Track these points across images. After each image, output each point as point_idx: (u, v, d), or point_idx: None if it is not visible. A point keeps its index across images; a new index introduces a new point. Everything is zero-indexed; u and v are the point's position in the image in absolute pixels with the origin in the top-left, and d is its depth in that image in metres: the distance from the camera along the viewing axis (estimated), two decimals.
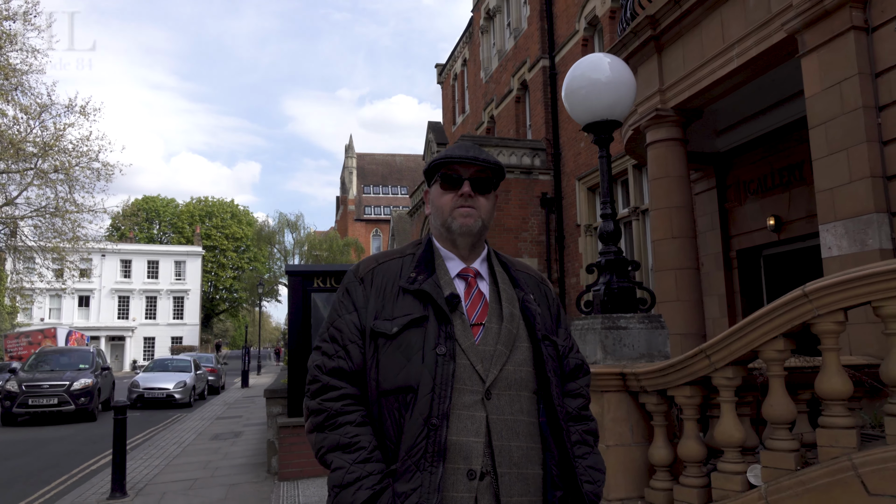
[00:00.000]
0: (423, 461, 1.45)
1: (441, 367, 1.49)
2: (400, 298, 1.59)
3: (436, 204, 1.72)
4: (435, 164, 1.72)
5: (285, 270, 8.98)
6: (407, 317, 1.55)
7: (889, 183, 4.78)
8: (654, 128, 7.61)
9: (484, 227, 1.70)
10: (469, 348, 1.54)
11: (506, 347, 1.57)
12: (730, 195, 9.67)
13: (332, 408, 1.56)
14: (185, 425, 14.28)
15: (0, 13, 22.41)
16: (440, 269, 1.65)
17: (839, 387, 3.10)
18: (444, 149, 16.38)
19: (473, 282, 1.67)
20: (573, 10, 15.04)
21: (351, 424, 1.53)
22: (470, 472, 1.47)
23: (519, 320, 1.63)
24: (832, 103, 5.10)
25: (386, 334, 1.55)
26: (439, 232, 1.72)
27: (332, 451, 1.52)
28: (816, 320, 3.14)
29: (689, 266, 7.33)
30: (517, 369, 1.57)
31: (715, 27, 6.65)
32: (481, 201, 1.68)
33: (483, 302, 1.64)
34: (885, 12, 4.81)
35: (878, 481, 2.90)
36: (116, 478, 7.26)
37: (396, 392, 1.52)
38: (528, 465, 1.52)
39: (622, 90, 4.46)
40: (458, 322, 1.56)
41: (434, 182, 1.74)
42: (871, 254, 4.73)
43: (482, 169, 1.68)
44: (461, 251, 1.69)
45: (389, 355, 1.54)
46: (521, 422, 1.54)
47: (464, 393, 1.50)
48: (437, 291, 1.57)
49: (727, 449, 3.48)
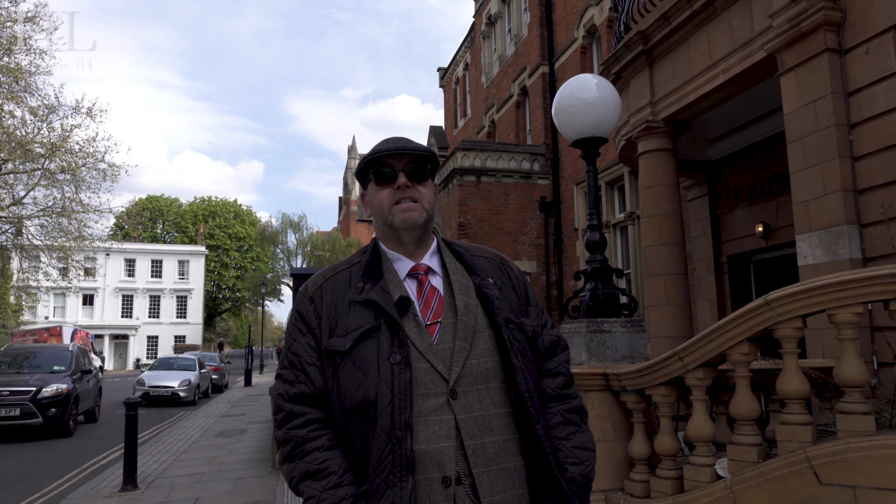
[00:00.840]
0: (391, 477, 1.40)
1: (397, 376, 1.44)
2: (351, 311, 1.54)
3: (373, 203, 1.65)
4: (366, 164, 1.65)
5: (290, 273, 9.31)
6: (358, 330, 1.50)
7: (859, 196, 5.08)
8: (645, 138, 7.91)
9: (429, 217, 1.63)
10: (427, 350, 1.49)
11: (465, 342, 1.51)
12: (721, 202, 9.97)
13: (297, 436, 1.51)
14: (191, 423, 14.61)
15: (10, 16, 22.79)
16: (388, 273, 1.59)
17: (797, 387, 3.41)
18: (445, 153, 16.68)
19: (425, 279, 1.61)
20: (572, 18, 15.35)
21: (319, 450, 1.49)
22: (444, 479, 1.42)
23: (476, 309, 1.56)
24: (808, 120, 5.40)
25: (340, 351, 1.50)
26: (383, 232, 1.66)
27: (302, 481, 1.48)
28: (777, 326, 3.45)
29: (678, 272, 7.64)
30: (480, 361, 1.51)
31: (702, 44, 6.96)
32: (421, 190, 1.61)
33: (437, 298, 1.58)
34: (856, 35, 5.12)
35: (829, 472, 3.21)
36: (128, 471, 7.59)
37: (358, 409, 1.47)
38: (506, 458, 1.48)
39: (608, 109, 4.77)
40: (412, 325, 1.51)
41: (368, 181, 1.67)
42: (842, 263, 5.03)
43: (415, 158, 1.61)
44: (408, 248, 1.62)
45: (347, 372, 1.49)
46: (492, 415, 1.48)
47: (427, 398, 1.46)
48: (385, 298, 1.52)
49: (698, 444, 3.80)
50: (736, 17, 6.43)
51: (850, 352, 3.30)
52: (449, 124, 26.49)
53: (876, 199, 4.93)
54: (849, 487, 3.16)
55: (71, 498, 7.40)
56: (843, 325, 3.31)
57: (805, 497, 3.27)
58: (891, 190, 4.83)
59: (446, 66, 26.77)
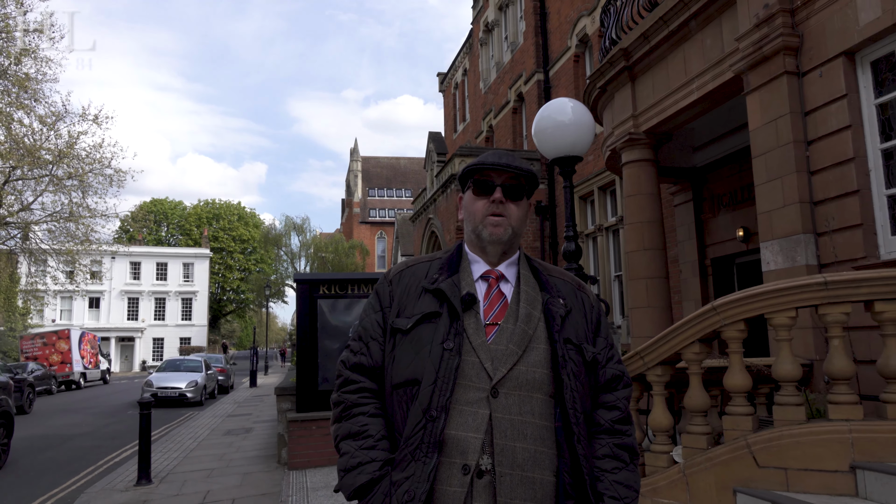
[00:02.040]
0: (418, 451, 1.47)
1: (445, 361, 1.50)
2: (421, 298, 1.63)
3: (468, 210, 1.73)
4: (468, 171, 1.72)
5: (294, 278, 9.71)
6: (420, 313, 1.60)
7: (816, 208, 5.52)
8: (628, 149, 8.36)
9: (515, 234, 1.69)
10: (480, 346, 1.54)
11: (518, 347, 1.55)
12: (705, 207, 10.41)
13: (348, 399, 1.63)
14: (199, 422, 15.09)
15: (18, 27, 23.31)
16: (464, 272, 1.67)
17: (740, 382, 3.87)
18: (444, 157, 17.17)
19: (495, 283, 1.67)
20: (565, 27, 15.80)
21: (363, 415, 1.60)
22: (465, 467, 1.46)
23: (538, 321, 1.60)
24: (770, 137, 5.85)
25: (402, 329, 1.60)
26: (470, 238, 1.73)
27: (344, 440, 1.60)
28: (723, 329, 3.91)
29: (659, 275, 8.08)
30: (530, 370, 1.54)
31: (679, 62, 7.40)
32: (512, 208, 1.68)
33: (502, 302, 1.63)
34: (812, 60, 5.57)
35: (766, 456, 3.67)
36: (142, 466, 8.08)
37: (405, 385, 1.55)
38: (535, 469, 1.48)
39: (582, 131, 5.23)
40: (471, 320, 1.57)
41: (467, 188, 1.74)
42: (799, 269, 5.48)
43: (514, 176, 1.67)
44: (490, 257, 1.69)
45: (403, 349, 1.58)
46: (530, 423, 1.50)
47: (469, 389, 1.50)
48: (453, 290, 1.60)
49: (658, 433, 4.25)
50: (708, 38, 6.88)
51: (784, 351, 3.75)
52: (449, 128, 26.95)
53: (830, 210, 5.38)
54: (781, 469, 3.62)
55: (89, 492, 7.87)
56: (779, 327, 3.76)
57: (745, 478, 3.72)
58: (842, 202, 5.27)
59: (446, 71, 27.24)
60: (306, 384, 8.66)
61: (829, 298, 3.62)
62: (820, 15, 5.47)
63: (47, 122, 24.64)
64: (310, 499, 6.68)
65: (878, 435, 3.47)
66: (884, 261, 4.98)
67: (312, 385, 8.66)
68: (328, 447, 8.34)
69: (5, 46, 22.04)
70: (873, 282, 3.57)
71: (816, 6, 5.51)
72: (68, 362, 31.03)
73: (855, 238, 5.14)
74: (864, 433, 3.49)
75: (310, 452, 8.34)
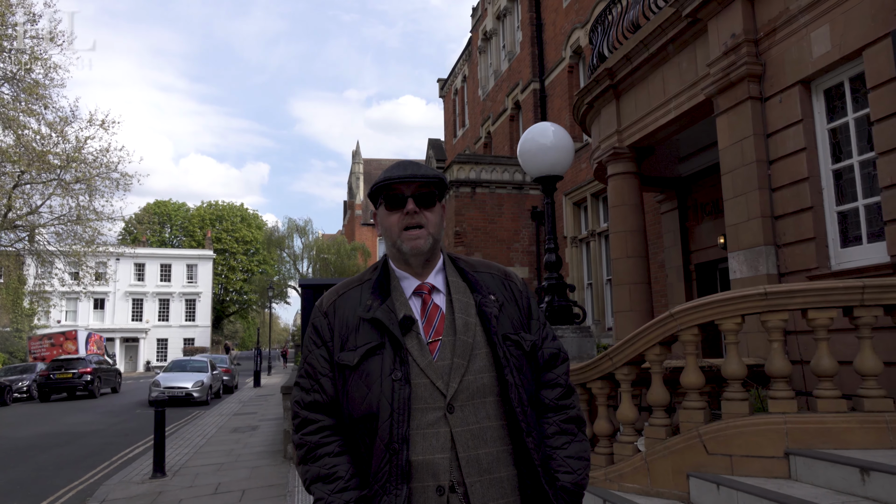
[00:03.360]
0: (387, 484, 1.49)
1: (397, 392, 1.53)
2: (360, 328, 1.63)
3: (384, 225, 1.72)
4: (377, 188, 1.71)
5: (299, 284, 10.25)
6: (365, 346, 1.60)
7: (776, 222, 6.05)
8: (613, 162, 8.90)
9: (435, 241, 1.70)
10: (427, 366, 1.57)
11: (462, 359, 1.58)
12: (690, 215, 10.92)
13: (311, 441, 1.63)
14: (206, 420, 15.63)
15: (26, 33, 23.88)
16: (395, 291, 1.67)
17: (695, 380, 4.40)
18: (443, 163, 17.80)
19: (428, 297, 1.68)
20: (560, 38, 16.34)
21: (329, 455, 1.60)
22: (439, 488, 1.50)
23: (475, 327, 1.63)
24: (736, 156, 6.38)
25: (349, 366, 1.60)
26: (392, 252, 1.74)
27: (314, 483, 1.59)
28: (680, 333, 4.44)
29: (642, 281, 8.61)
30: (477, 377, 1.58)
31: (658, 82, 7.93)
32: (428, 216, 1.68)
33: (439, 316, 1.65)
34: (773, 86, 6.09)
35: (714, 445, 4.21)
36: (157, 460, 8.63)
37: (363, 420, 1.57)
38: (499, 468, 1.55)
39: (562, 153, 5.77)
40: (414, 342, 1.59)
41: (379, 205, 1.73)
42: (761, 278, 6.01)
43: (424, 184, 1.68)
44: (415, 269, 1.70)
45: (354, 385, 1.59)
46: (487, 427, 1.56)
47: (426, 412, 1.54)
48: (391, 317, 1.60)
49: (624, 425, 4.79)
50: (684, 62, 7.41)
51: (732, 353, 4.28)
52: (448, 133, 27.49)
53: (788, 224, 5.91)
54: (727, 456, 4.15)
55: (108, 484, 8.42)
56: (727, 332, 4.29)
57: (697, 464, 4.26)
58: (798, 217, 5.80)
59: (446, 77, 27.79)
60: None
61: (769, 307, 4.16)
62: (780, 46, 6.01)
63: (56, 127, 25.27)
64: None
65: (808, 426, 4.01)
66: (834, 271, 5.52)
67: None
68: None
69: (16, 55, 22.60)
70: (806, 293, 4.10)
71: (777, 38, 6.04)
72: None
73: (809, 250, 5.67)
74: (797, 424, 4.02)
75: None
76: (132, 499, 7.51)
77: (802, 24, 5.74)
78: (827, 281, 4.60)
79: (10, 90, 24.10)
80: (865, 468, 3.51)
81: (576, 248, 15.63)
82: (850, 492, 3.56)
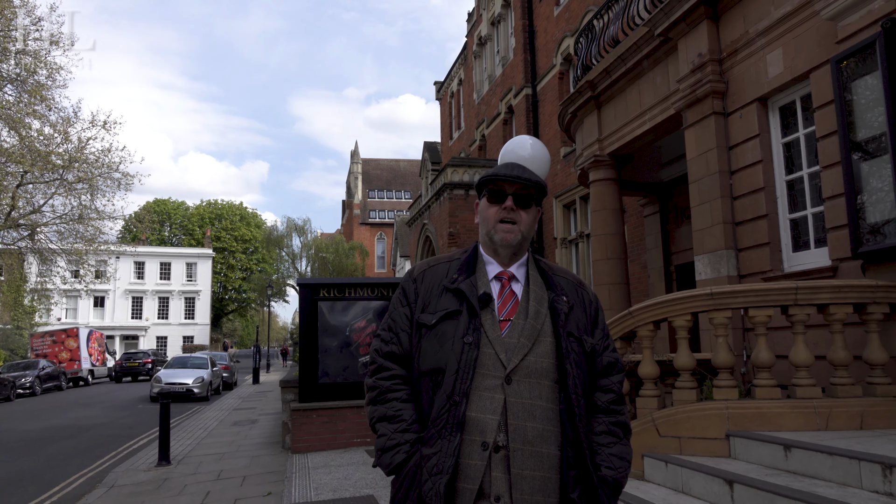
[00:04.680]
0: (444, 430, 1.67)
1: (466, 353, 1.70)
2: (443, 296, 1.82)
3: (483, 215, 1.90)
4: (483, 181, 1.91)
5: (297, 283, 10.75)
6: (444, 310, 1.78)
7: (737, 228, 6.57)
8: (594, 169, 9.41)
9: (524, 238, 1.87)
10: (495, 339, 1.73)
11: (528, 340, 1.73)
12: (671, 218, 11.43)
13: (383, 385, 1.83)
14: (207, 415, 16.14)
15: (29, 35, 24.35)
16: (479, 272, 1.85)
17: (650, 371, 4.92)
18: (438, 166, 18.34)
19: (507, 283, 1.85)
20: (551, 46, 16.84)
21: (397, 400, 1.80)
22: (484, 444, 1.66)
23: (545, 317, 1.79)
24: (702, 167, 6.89)
25: (427, 325, 1.79)
26: (484, 240, 1.91)
27: (380, 422, 1.80)
28: (638, 329, 4.96)
29: (620, 282, 9.13)
30: (538, 360, 1.73)
31: (635, 94, 8.45)
32: (522, 215, 1.85)
33: (514, 301, 1.82)
34: (734, 103, 6.61)
35: (665, 428, 4.72)
36: (163, 449, 9.14)
37: (431, 373, 1.75)
38: (542, 444, 1.68)
39: (539, 164, 6.23)
40: (488, 317, 1.76)
41: (483, 196, 1.91)
42: (722, 279, 6.52)
43: (525, 186, 1.85)
44: (501, 259, 1.87)
45: (428, 342, 1.77)
46: (538, 406, 1.70)
47: (486, 377, 1.70)
48: (472, 290, 1.79)
49: None
50: (658, 77, 7.92)
51: (682, 347, 4.80)
52: (445, 135, 28.00)
53: (747, 230, 6.43)
54: (677, 438, 4.67)
55: (116, 471, 8.93)
56: (678, 328, 4.81)
57: (651, 445, 4.77)
58: (756, 224, 6.32)
59: (442, 80, 28.29)
60: (308, 378, 9.71)
61: (714, 306, 4.67)
62: (741, 66, 6.52)
63: (59, 128, 25.73)
64: (311, 476, 7.73)
65: (747, 411, 4.53)
66: (786, 273, 6.04)
67: (313, 379, 9.71)
68: (327, 434, 9.40)
69: (22, 58, 23.07)
70: (747, 293, 4.62)
71: (738, 58, 6.56)
72: (77, 360, 32.06)
73: (765, 254, 6.19)
74: (737, 409, 4.54)
75: (310, 438, 9.39)
76: (140, 484, 8.02)
77: (759, 47, 6.25)
78: (765, 283, 5.13)
79: (14, 91, 24.59)
80: (788, 446, 4.02)
81: (565, 248, 16.13)
82: (775, 466, 4.08)
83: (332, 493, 6.66)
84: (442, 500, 1.63)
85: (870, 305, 4.55)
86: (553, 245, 16.57)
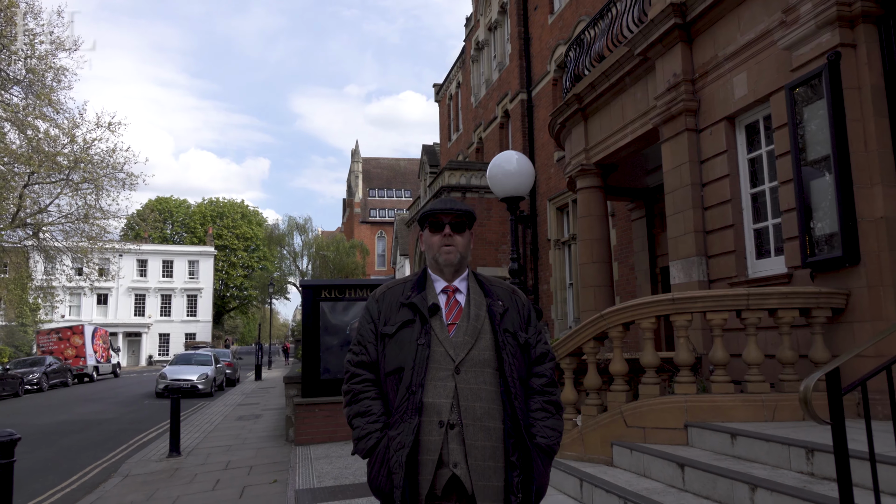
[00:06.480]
0: (405, 415, 2.03)
1: (419, 352, 2.08)
2: (400, 310, 2.20)
3: (427, 243, 2.31)
4: (424, 215, 2.31)
5: (300, 284, 11.26)
6: (401, 321, 2.17)
7: (707, 236, 7.10)
8: (581, 177, 9.94)
9: (462, 257, 2.27)
10: (444, 340, 2.11)
11: (471, 337, 2.12)
12: (656, 223, 11.94)
13: (356, 389, 2.21)
14: (212, 410, 16.70)
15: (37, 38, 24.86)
16: (429, 288, 2.24)
17: (619, 368, 5.46)
18: (436, 169, 18.91)
19: (452, 294, 2.24)
20: (546, 53, 17.36)
21: (367, 399, 2.18)
22: (440, 423, 2.01)
23: (484, 319, 2.17)
24: (676, 179, 7.42)
25: (388, 334, 2.17)
26: (431, 262, 2.31)
27: (355, 417, 2.17)
28: (609, 330, 5.50)
29: (605, 284, 9.67)
30: (480, 352, 2.11)
31: (618, 108, 8.97)
32: (458, 239, 2.25)
33: (458, 308, 2.21)
34: (705, 120, 7.14)
35: (632, 419, 5.27)
36: (173, 441, 9.69)
37: (394, 372, 2.12)
38: (488, 419, 2.05)
39: (523, 177, 6.82)
40: (437, 322, 2.14)
41: (425, 227, 2.31)
42: (693, 284, 7.06)
43: (458, 215, 2.27)
44: (446, 276, 2.26)
45: (391, 348, 2.15)
46: (483, 389, 2.07)
47: (439, 369, 2.06)
48: (423, 302, 2.17)
49: (565, 406, 5.84)
50: (639, 92, 8.45)
51: (648, 347, 5.34)
52: (443, 137, 28.51)
53: (715, 238, 6.96)
54: (642, 428, 5.22)
55: (130, 462, 9.48)
56: (644, 329, 5.35)
57: (619, 435, 5.32)
58: (723, 233, 6.85)
59: (441, 82, 28.79)
60: (310, 374, 10.26)
61: (676, 310, 5.21)
62: (711, 86, 7.05)
63: (64, 129, 26.25)
64: (313, 465, 8.28)
65: (703, 404, 5.07)
66: (749, 279, 6.57)
67: (315, 375, 10.26)
68: (328, 427, 9.95)
69: (30, 62, 23.59)
70: (705, 299, 5.16)
71: (708, 79, 7.08)
72: (82, 356, 32.62)
73: (731, 261, 6.72)
74: (695, 403, 5.08)
75: (313, 431, 9.95)
76: (153, 473, 8.58)
77: (727, 70, 6.78)
78: (721, 290, 5.67)
79: (21, 93, 25.11)
80: (734, 434, 4.57)
81: (558, 250, 16.66)
82: (724, 452, 4.63)
83: (333, 481, 7.21)
84: (404, 468, 1.98)
85: (814, 310, 5.08)
86: (547, 246, 17.10)
